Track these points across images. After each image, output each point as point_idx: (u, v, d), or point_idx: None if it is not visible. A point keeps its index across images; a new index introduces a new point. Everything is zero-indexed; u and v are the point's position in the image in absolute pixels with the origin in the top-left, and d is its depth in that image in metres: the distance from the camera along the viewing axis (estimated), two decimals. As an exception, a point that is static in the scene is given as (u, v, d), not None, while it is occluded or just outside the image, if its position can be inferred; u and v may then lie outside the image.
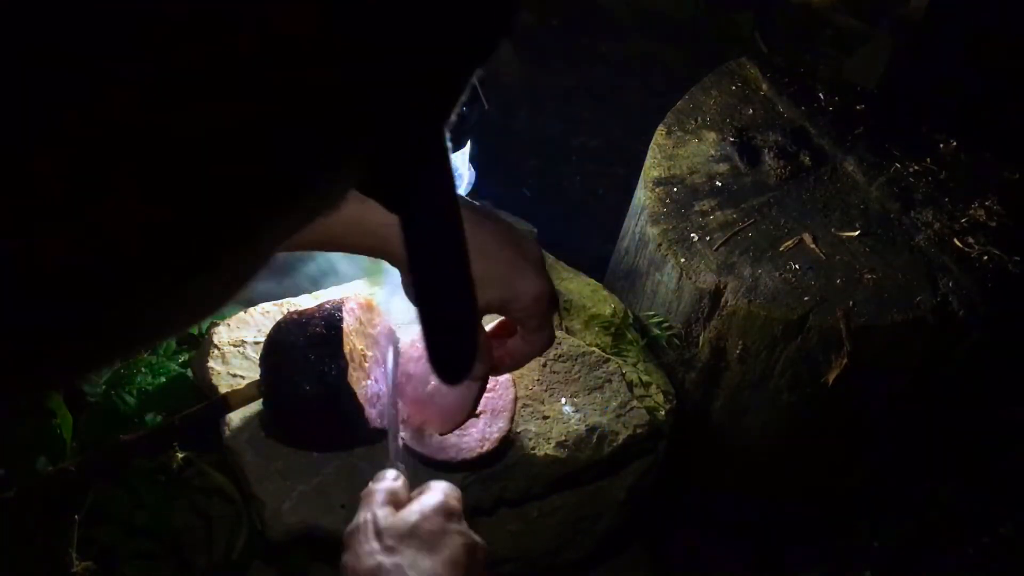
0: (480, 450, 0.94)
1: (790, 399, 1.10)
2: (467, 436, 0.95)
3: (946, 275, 1.06)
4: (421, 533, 0.71)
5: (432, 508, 0.73)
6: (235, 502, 0.96)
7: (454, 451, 0.94)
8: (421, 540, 0.71)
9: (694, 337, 1.14)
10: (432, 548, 0.71)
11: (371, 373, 0.94)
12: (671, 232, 1.12)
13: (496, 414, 0.97)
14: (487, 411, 0.97)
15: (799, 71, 1.35)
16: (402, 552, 0.70)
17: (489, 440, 0.95)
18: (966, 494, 1.28)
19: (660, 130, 1.25)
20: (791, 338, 1.04)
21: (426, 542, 0.71)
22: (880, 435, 1.20)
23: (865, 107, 1.29)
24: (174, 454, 0.97)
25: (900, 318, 1.02)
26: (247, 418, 0.97)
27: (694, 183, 1.17)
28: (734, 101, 1.30)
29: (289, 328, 0.92)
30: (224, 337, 1.05)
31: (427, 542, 0.71)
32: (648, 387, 1.09)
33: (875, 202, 1.16)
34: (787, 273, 1.06)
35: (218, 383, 1.00)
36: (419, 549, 0.70)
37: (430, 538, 0.71)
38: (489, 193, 1.39)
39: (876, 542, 1.27)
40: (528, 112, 1.89)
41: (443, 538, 0.71)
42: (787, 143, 1.22)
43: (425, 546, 0.71)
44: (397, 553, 0.70)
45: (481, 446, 0.95)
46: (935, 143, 1.25)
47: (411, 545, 0.71)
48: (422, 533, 0.71)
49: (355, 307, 0.95)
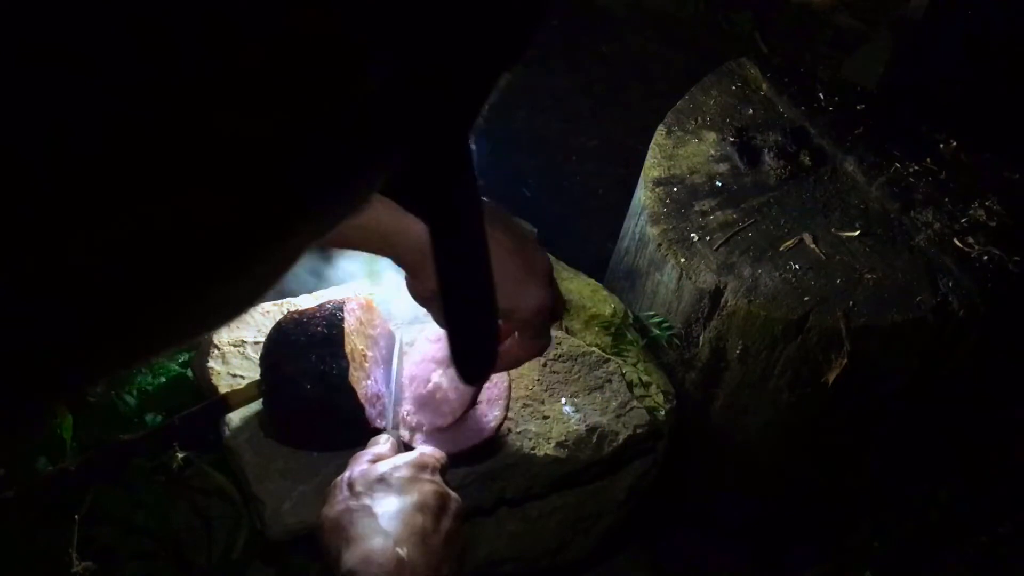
0: (476, 441, 0.94)
1: (790, 399, 1.10)
2: (464, 427, 0.95)
3: (946, 275, 1.06)
4: (390, 480, 0.73)
5: (405, 461, 0.75)
6: (235, 502, 0.96)
7: (452, 443, 0.94)
8: (389, 486, 0.73)
9: (694, 337, 1.14)
10: (401, 492, 0.72)
11: (371, 373, 0.94)
12: (671, 232, 1.12)
13: (491, 403, 0.97)
14: (482, 401, 0.97)
15: (799, 71, 1.35)
16: (370, 496, 0.72)
17: (487, 428, 0.95)
18: (966, 494, 1.28)
19: (660, 130, 1.25)
20: (791, 338, 1.04)
21: (394, 487, 0.72)
22: (880, 435, 1.20)
23: (865, 107, 1.29)
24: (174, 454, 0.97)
25: (900, 318, 1.02)
26: (247, 418, 0.97)
27: (694, 183, 1.17)
28: (734, 101, 1.30)
29: (289, 328, 0.92)
30: (224, 337, 1.05)
31: (396, 487, 0.72)
32: (648, 387, 1.09)
33: (875, 202, 1.16)
34: (787, 273, 1.06)
35: (218, 383, 1.00)
36: (387, 493, 0.72)
37: (399, 484, 0.73)
38: (489, 193, 1.39)
39: (876, 542, 1.27)
40: (528, 112, 1.89)
41: (413, 484, 0.73)
42: (787, 143, 1.22)
43: (393, 491, 0.72)
44: (365, 497, 0.72)
45: (479, 436, 0.94)
46: (935, 143, 1.25)
47: (379, 490, 0.72)
48: (391, 480, 0.73)
49: (355, 307, 0.95)
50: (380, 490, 0.72)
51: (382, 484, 0.73)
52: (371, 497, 0.72)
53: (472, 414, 0.96)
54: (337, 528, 0.71)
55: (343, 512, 0.71)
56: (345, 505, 0.72)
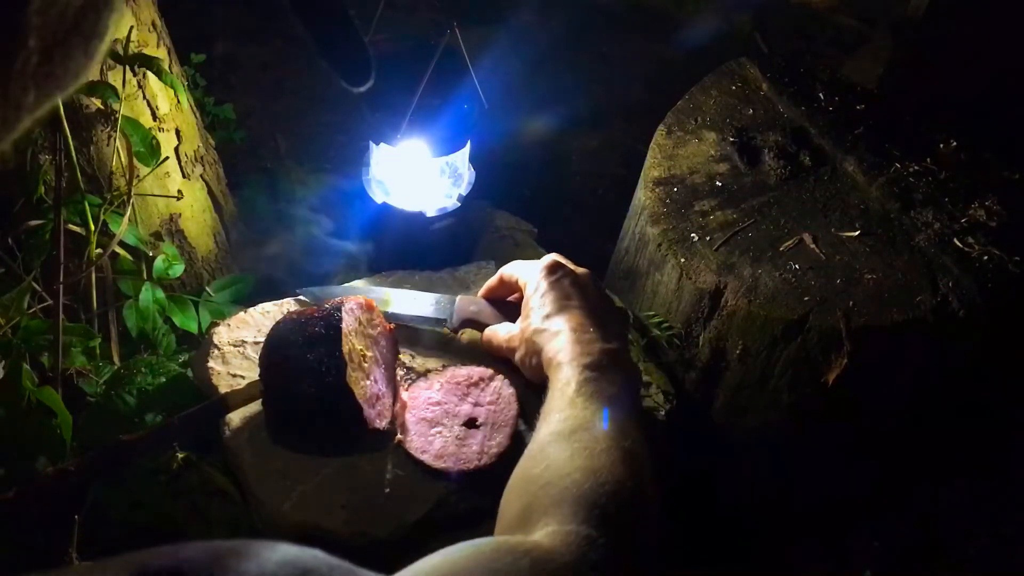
0: (478, 463, 0.95)
1: (790, 399, 1.10)
2: (466, 447, 0.96)
3: (946, 275, 1.06)
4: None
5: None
6: (235, 502, 0.96)
7: (452, 460, 0.94)
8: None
9: (694, 337, 1.14)
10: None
11: (371, 373, 0.94)
12: (671, 232, 1.12)
13: (497, 428, 0.98)
14: (488, 424, 0.98)
15: (799, 71, 1.35)
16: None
17: (487, 454, 0.95)
18: (966, 494, 1.29)
19: (660, 130, 1.25)
20: (791, 338, 1.04)
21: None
22: (880, 435, 1.20)
23: (865, 107, 1.29)
24: (174, 454, 0.97)
25: (900, 318, 1.01)
26: (247, 418, 0.97)
27: (694, 183, 1.17)
28: (734, 101, 1.30)
29: (288, 328, 0.92)
30: (224, 337, 1.05)
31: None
32: (648, 387, 1.09)
33: (875, 202, 1.16)
34: (787, 273, 1.06)
35: (218, 383, 1.00)
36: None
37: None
38: (489, 193, 1.39)
39: (876, 542, 1.27)
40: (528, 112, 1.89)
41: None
42: (787, 143, 1.22)
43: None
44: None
45: (479, 459, 0.95)
46: (935, 143, 1.25)
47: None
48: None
49: (355, 307, 0.95)
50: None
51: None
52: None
53: (476, 436, 0.97)
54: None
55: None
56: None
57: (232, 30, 2.10)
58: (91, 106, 1.06)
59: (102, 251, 1.10)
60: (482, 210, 1.41)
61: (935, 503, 1.29)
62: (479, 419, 0.98)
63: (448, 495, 0.94)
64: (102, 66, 1.05)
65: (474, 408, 0.99)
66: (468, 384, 1.01)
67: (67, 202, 1.06)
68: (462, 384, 1.01)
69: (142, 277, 1.16)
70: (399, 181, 1.22)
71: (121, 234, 1.10)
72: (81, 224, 1.08)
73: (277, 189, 1.57)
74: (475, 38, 1.30)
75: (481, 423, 0.98)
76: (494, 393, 1.00)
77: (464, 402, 0.99)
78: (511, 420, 0.98)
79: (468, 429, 0.97)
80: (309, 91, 1.99)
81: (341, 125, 1.90)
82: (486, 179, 1.28)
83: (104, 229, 1.10)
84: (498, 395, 1.00)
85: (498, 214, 1.42)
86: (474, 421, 0.98)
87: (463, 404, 0.99)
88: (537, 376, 0.94)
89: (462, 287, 1.16)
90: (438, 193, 1.24)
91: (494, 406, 0.99)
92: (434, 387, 1.01)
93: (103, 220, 1.09)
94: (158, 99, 1.15)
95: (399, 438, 0.96)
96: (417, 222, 1.21)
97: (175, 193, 1.22)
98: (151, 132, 1.12)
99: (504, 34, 2.10)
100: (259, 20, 2.14)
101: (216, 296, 1.24)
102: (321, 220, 1.47)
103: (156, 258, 1.17)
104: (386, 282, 1.16)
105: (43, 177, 1.05)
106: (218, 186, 1.36)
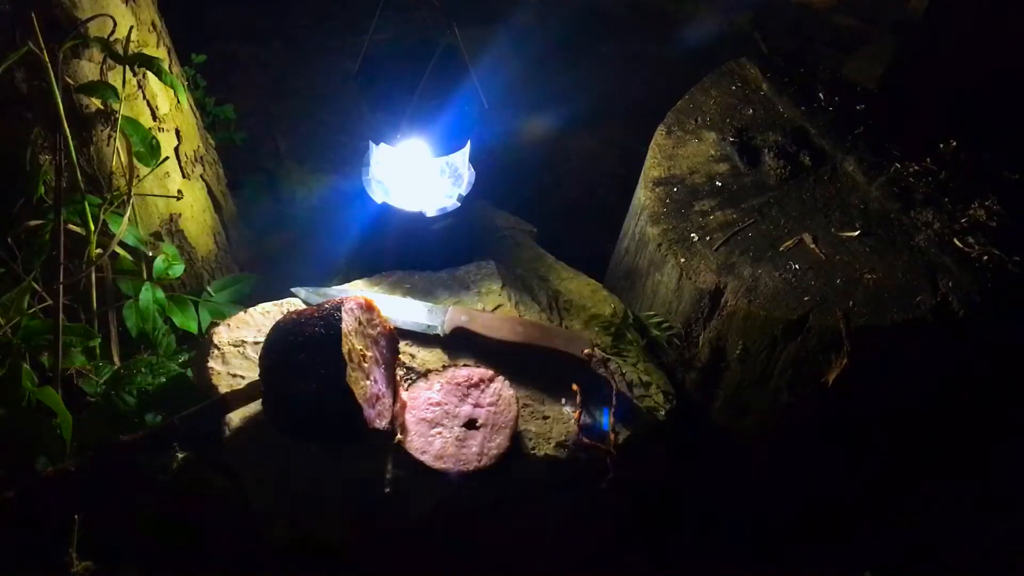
0: (478, 464, 0.95)
1: (790, 399, 1.10)
2: (466, 448, 0.96)
3: (946, 275, 1.06)
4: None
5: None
6: (235, 502, 0.96)
7: (452, 461, 0.94)
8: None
9: (694, 337, 1.14)
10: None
11: (370, 373, 0.94)
12: (671, 232, 1.12)
13: (496, 430, 0.98)
14: (487, 426, 0.98)
15: (799, 71, 1.35)
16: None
17: (487, 455, 0.96)
18: (966, 494, 1.28)
19: (660, 130, 1.25)
20: (791, 338, 1.04)
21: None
22: (880, 435, 1.20)
23: (865, 107, 1.29)
24: (174, 454, 0.97)
25: (900, 318, 1.02)
26: (247, 418, 0.97)
27: (694, 183, 1.17)
28: (734, 101, 1.30)
29: (288, 328, 0.92)
30: (224, 337, 1.05)
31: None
32: (648, 387, 1.09)
33: (875, 202, 1.16)
34: (787, 273, 1.06)
35: (218, 383, 1.00)
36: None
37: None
38: (489, 193, 1.39)
39: (876, 542, 1.27)
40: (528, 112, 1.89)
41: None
42: (787, 143, 1.22)
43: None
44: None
45: (479, 460, 0.95)
46: (935, 143, 1.25)
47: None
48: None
49: (354, 307, 0.95)
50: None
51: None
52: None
53: (476, 437, 0.97)
54: None
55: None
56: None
57: (232, 30, 2.10)
58: (91, 106, 1.06)
59: (102, 251, 1.10)
60: (482, 210, 1.41)
61: (935, 503, 1.28)
62: (479, 420, 0.98)
63: (448, 495, 0.94)
64: (102, 66, 1.05)
65: (474, 409, 0.99)
66: (468, 385, 1.01)
67: (67, 202, 1.06)
68: (462, 385, 1.01)
69: (142, 277, 1.16)
70: (399, 181, 1.22)
71: (121, 234, 1.10)
72: (81, 224, 1.08)
73: (277, 189, 1.57)
74: (475, 38, 1.30)
75: (481, 424, 0.98)
76: (494, 395, 1.00)
77: (464, 403, 0.99)
78: (511, 422, 0.99)
79: (468, 430, 0.97)
80: (309, 91, 2.00)
81: (341, 125, 1.91)
82: (486, 179, 1.28)
83: (104, 229, 1.10)
84: (498, 396, 1.00)
85: (498, 214, 1.42)
86: (474, 422, 0.98)
87: (463, 405, 0.99)
88: None
89: (462, 287, 1.16)
90: (438, 193, 1.24)
91: (494, 407, 0.99)
92: (434, 388, 1.01)
93: (103, 220, 1.09)
94: (158, 99, 1.15)
95: (399, 438, 0.96)
96: (417, 222, 1.21)
97: (175, 193, 1.22)
98: (151, 132, 1.12)
99: (504, 34, 2.10)
100: (259, 20, 2.14)
101: (216, 296, 1.24)
102: (321, 220, 1.47)
103: (156, 258, 1.17)
104: (385, 282, 1.16)
105: (43, 177, 1.05)
106: (218, 186, 1.36)
